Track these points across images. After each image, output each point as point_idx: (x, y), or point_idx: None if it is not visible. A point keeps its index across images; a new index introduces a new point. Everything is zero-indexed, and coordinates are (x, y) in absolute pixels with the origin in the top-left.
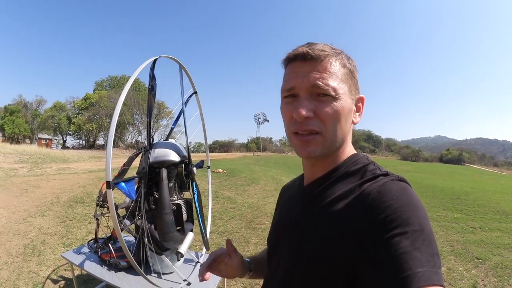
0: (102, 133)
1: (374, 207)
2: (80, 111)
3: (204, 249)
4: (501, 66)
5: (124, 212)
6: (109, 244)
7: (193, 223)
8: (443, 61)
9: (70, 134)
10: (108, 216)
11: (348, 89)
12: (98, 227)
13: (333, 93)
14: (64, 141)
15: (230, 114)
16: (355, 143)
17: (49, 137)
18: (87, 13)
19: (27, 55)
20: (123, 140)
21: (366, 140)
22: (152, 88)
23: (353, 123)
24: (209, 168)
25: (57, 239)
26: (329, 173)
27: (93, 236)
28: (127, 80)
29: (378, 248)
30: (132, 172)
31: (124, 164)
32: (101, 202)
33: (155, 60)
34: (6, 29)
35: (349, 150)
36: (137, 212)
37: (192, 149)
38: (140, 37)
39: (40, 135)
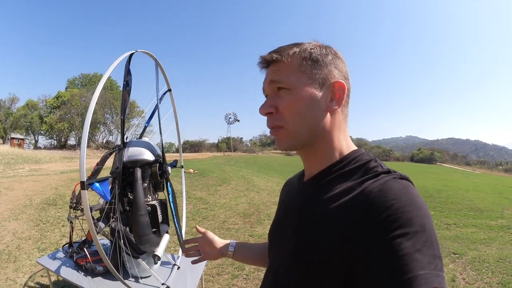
0: (73, 132)
1: (375, 207)
2: (52, 110)
3: (180, 251)
4: (473, 66)
5: (99, 215)
6: (85, 248)
7: (168, 224)
8: (414, 61)
9: (42, 134)
10: (83, 219)
11: (307, 78)
12: (72, 230)
13: (287, 85)
14: (36, 141)
15: (201, 113)
16: None
17: (22, 137)
18: (59, 9)
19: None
20: (94, 140)
21: None
22: (127, 84)
23: (329, 111)
24: (182, 167)
25: (32, 243)
26: (328, 169)
27: (68, 240)
28: (100, 79)
29: (379, 249)
30: (105, 173)
31: (98, 164)
32: (74, 204)
33: (131, 55)
34: None
35: (345, 144)
36: (111, 214)
37: (165, 149)
38: (114, 33)
39: (13, 135)
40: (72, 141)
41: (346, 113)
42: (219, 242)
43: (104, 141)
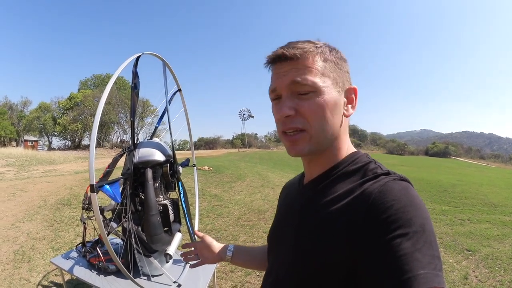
0: (87, 133)
1: (375, 208)
2: (65, 111)
3: (193, 249)
4: (487, 60)
5: (111, 215)
6: (97, 248)
7: (180, 223)
8: (429, 55)
9: (55, 135)
10: (95, 220)
11: (332, 81)
12: (85, 230)
13: (313, 88)
14: (50, 143)
15: (215, 110)
16: None
17: (35, 138)
18: (68, 11)
19: (10, 55)
20: (108, 140)
21: (351, 135)
22: (135, 86)
23: (345, 115)
24: (194, 166)
25: (46, 243)
26: (328, 171)
27: (81, 240)
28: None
29: (379, 249)
30: (117, 173)
31: (109, 166)
32: (86, 205)
33: (138, 57)
34: None
35: (347, 147)
36: (123, 214)
37: (177, 147)
38: (125, 32)
39: (26, 137)
40: (86, 141)
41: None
42: (217, 246)
43: (119, 140)
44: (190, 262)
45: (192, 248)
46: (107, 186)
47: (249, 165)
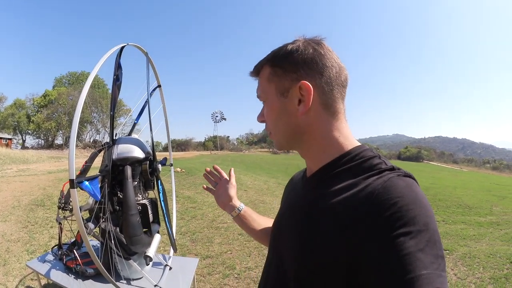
0: (60, 132)
1: (379, 203)
2: (39, 109)
3: (172, 251)
4: (460, 65)
5: (88, 215)
6: (74, 250)
7: (159, 224)
8: (402, 60)
9: (29, 133)
10: (71, 220)
11: (275, 87)
12: (61, 232)
13: (263, 98)
14: (24, 141)
15: (187, 112)
16: None
17: (9, 136)
18: (47, 5)
19: None
20: (81, 140)
21: None
22: (117, 78)
23: (301, 114)
24: (172, 165)
25: (21, 246)
26: (328, 165)
27: (57, 242)
28: (87, 77)
29: (382, 247)
30: (94, 171)
31: (86, 162)
32: (63, 204)
33: (122, 48)
34: None
35: (337, 140)
36: (101, 214)
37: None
38: (101, 26)
39: (0, 135)
40: (59, 141)
41: (337, 108)
42: (233, 199)
43: (91, 140)
44: (204, 186)
45: (217, 176)
46: (86, 182)
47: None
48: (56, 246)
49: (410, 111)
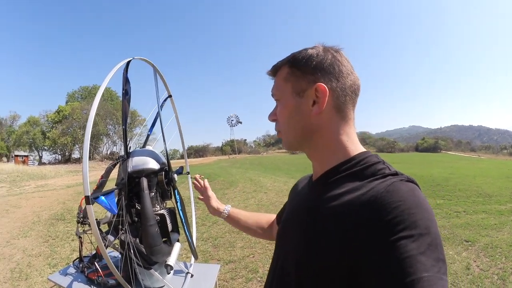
0: (77, 146)
1: (381, 207)
2: (54, 125)
3: (193, 258)
4: (472, 51)
5: (107, 227)
6: (95, 263)
7: (178, 232)
8: (413, 50)
9: (45, 149)
10: (91, 233)
11: (292, 87)
12: (81, 245)
13: (277, 97)
14: (40, 157)
15: (203, 118)
16: None
17: (25, 153)
18: (53, 23)
19: None
20: (98, 152)
21: None
22: (126, 93)
23: (314, 115)
24: (188, 174)
25: (42, 260)
26: (334, 169)
27: (78, 255)
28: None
29: (383, 250)
30: (111, 184)
31: (102, 176)
32: (81, 219)
33: (128, 62)
34: None
35: (345, 144)
36: (120, 227)
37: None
38: (110, 41)
39: (16, 152)
40: (76, 155)
41: (347, 113)
42: (215, 206)
43: (108, 152)
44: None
45: (202, 184)
46: (102, 197)
47: (240, 171)
48: (77, 259)
49: (424, 102)
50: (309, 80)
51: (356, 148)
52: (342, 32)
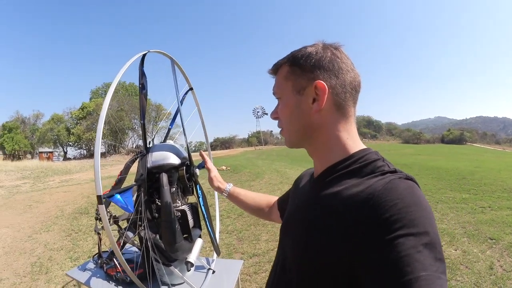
0: (102, 141)
1: (379, 205)
2: (78, 121)
3: (215, 254)
4: (497, 43)
5: (126, 224)
6: (114, 259)
7: (200, 228)
8: (439, 41)
9: (70, 145)
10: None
11: (291, 85)
12: (100, 241)
13: (278, 95)
14: (65, 153)
15: (228, 110)
16: None
17: (50, 150)
18: (72, 21)
19: (19, 71)
20: (124, 146)
21: (366, 126)
22: (143, 87)
23: (314, 112)
24: None
25: (64, 254)
26: (333, 166)
27: (98, 250)
28: (123, 86)
29: (381, 249)
30: (131, 180)
31: (121, 172)
32: (99, 216)
33: (143, 56)
34: None
35: (345, 142)
36: (139, 223)
37: (193, 148)
38: (131, 35)
39: (41, 149)
40: (102, 149)
41: (348, 111)
42: (215, 181)
43: (134, 146)
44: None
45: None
46: (118, 196)
47: (266, 163)
48: (97, 255)
49: (450, 92)
50: (309, 78)
51: (356, 145)
52: (364, 22)
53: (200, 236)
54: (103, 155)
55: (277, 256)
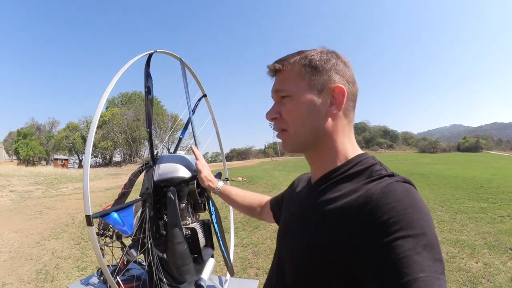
0: (118, 150)
1: (377, 208)
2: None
3: (228, 275)
4: (507, 47)
5: (130, 241)
6: (118, 278)
7: (213, 247)
8: (452, 48)
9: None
10: (112, 246)
11: (307, 84)
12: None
13: (288, 93)
14: (80, 160)
15: (244, 120)
16: (372, 139)
17: (65, 157)
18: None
19: (35, 79)
20: (140, 156)
21: (382, 136)
22: (149, 91)
23: (330, 115)
24: (227, 180)
25: (71, 262)
26: (331, 172)
27: (106, 263)
28: (139, 96)
29: (379, 251)
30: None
31: (125, 186)
32: (102, 231)
33: (150, 56)
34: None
35: (349, 149)
36: (145, 241)
37: (209, 159)
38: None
39: (56, 156)
40: (117, 158)
41: (351, 118)
42: (207, 180)
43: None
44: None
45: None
46: (115, 215)
47: (283, 174)
48: (100, 270)
49: (464, 99)
50: (327, 80)
51: (354, 150)
52: (379, 25)
53: (212, 256)
54: (118, 164)
55: (274, 261)
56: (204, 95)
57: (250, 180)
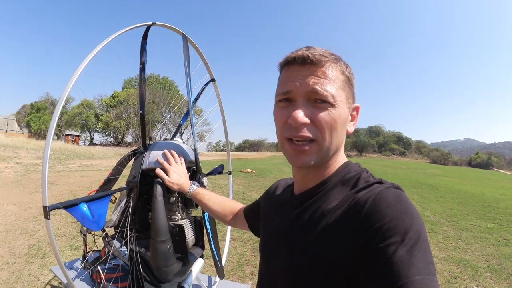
0: (131, 130)
1: (370, 216)
2: (108, 109)
3: (218, 277)
4: None
5: (113, 231)
6: (98, 267)
7: (203, 247)
8: (475, 62)
9: (98, 131)
10: (94, 234)
11: (346, 97)
12: (85, 245)
13: (331, 100)
14: (92, 138)
15: (259, 112)
16: (385, 144)
17: (77, 133)
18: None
19: (52, 54)
20: (151, 138)
21: (396, 142)
22: (143, 67)
23: (348, 132)
24: (230, 174)
25: (65, 241)
26: (322, 184)
27: (88, 249)
28: (156, 79)
29: (375, 257)
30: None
31: (111, 172)
32: None
33: (147, 29)
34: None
35: (341, 159)
36: (129, 232)
37: (221, 148)
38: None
39: (68, 132)
40: (129, 138)
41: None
42: (185, 179)
43: (162, 139)
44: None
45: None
46: (84, 206)
47: (288, 171)
48: (83, 256)
49: (481, 114)
50: (353, 97)
51: (342, 159)
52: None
53: (202, 256)
54: (129, 144)
55: (263, 273)
56: (212, 79)
57: (259, 172)
